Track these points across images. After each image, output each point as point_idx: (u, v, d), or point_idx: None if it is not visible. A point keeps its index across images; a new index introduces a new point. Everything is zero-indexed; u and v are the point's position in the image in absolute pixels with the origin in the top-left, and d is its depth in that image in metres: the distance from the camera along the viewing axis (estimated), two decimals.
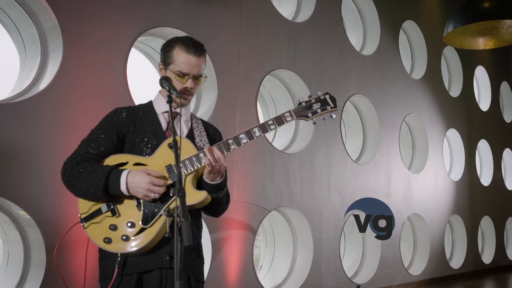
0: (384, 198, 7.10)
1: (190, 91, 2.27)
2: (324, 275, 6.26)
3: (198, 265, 2.24)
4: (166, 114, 2.31)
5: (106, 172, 2.10)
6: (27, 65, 4.19)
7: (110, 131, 2.23)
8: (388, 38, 7.68)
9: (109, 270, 2.13)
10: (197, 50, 2.25)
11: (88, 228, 2.13)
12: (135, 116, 2.27)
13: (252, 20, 5.62)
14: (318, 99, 2.34)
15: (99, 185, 2.08)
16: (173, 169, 2.17)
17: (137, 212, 2.13)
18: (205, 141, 2.30)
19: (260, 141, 5.56)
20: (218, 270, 5.05)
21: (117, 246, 2.09)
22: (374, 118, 7.38)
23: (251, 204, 5.41)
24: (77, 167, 2.14)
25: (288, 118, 2.27)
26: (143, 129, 2.25)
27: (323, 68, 6.49)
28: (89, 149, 2.20)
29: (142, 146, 2.22)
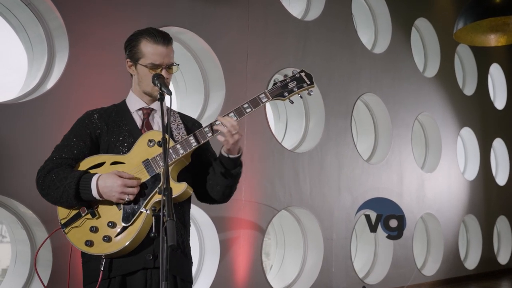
0: (396, 197, 7.02)
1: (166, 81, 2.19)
2: (334, 275, 6.21)
3: (185, 265, 2.19)
4: (141, 111, 2.25)
5: (75, 179, 2.04)
6: (35, 65, 4.21)
7: (83, 133, 2.18)
8: (400, 36, 7.59)
9: (93, 273, 2.07)
10: (165, 40, 2.18)
11: (69, 233, 2.09)
12: (108, 116, 2.23)
13: (260, 18, 5.59)
14: (293, 77, 2.23)
15: (70, 193, 2.03)
16: (150, 163, 2.11)
17: (117, 211, 2.08)
18: (183, 133, 2.21)
19: (268, 141, 5.54)
20: (226, 270, 5.03)
21: (100, 248, 2.04)
22: (386, 117, 7.31)
23: (260, 204, 5.38)
24: (49, 174, 2.09)
25: (263, 99, 2.16)
26: (117, 129, 2.20)
27: (333, 66, 6.44)
28: (62, 154, 2.14)
29: (118, 145, 2.17)
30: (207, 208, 4.87)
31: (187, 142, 2.12)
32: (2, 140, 3.71)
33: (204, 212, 4.87)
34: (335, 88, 6.42)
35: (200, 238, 5.09)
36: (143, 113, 2.25)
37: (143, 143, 2.14)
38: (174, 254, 2.11)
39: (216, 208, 4.98)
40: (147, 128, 2.22)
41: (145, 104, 2.25)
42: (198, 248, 5.09)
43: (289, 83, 2.21)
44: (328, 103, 6.28)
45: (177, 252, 2.14)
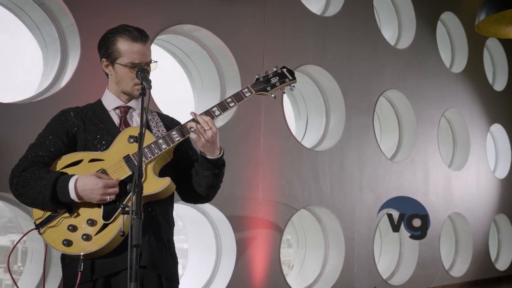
0: (421, 197, 6.85)
1: None
2: (357, 276, 6.08)
3: (170, 264, 2.13)
4: (118, 110, 2.20)
5: (52, 181, 1.95)
6: (49, 64, 4.24)
7: (59, 131, 2.12)
8: (425, 30, 7.40)
9: (72, 277, 2.00)
10: (142, 37, 2.12)
11: (45, 234, 2.00)
12: (84, 114, 2.17)
13: (277, 15, 5.50)
14: (275, 73, 2.25)
15: (46, 195, 1.94)
16: (131, 159, 2.06)
17: (97, 209, 2.00)
18: (163, 130, 2.17)
19: (286, 139, 5.45)
20: (243, 270, 4.97)
21: (79, 247, 1.96)
22: (410, 114, 7.13)
23: (278, 203, 5.31)
24: (24, 173, 2.00)
25: (247, 93, 2.18)
26: (94, 127, 2.14)
27: (353, 63, 6.31)
28: (38, 151, 2.07)
29: (96, 143, 2.11)
30: (223, 207, 4.82)
31: (170, 137, 2.07)
32: (17, 140, 3.74)
33: (219, 211, 4.82)
34: (356, 85, 6.29)
35: (216, 237, 5.05)
36: (121, 111, 2.20)
37: (123, 140, 2.08)
38: (159, 253, 2.06)
39: (232, 207, 4.93)
40: (125, 126, 2.17)
41: (122, 102, 2.21)
42: (214, 247, 5.05)
43: (272, 78, 2.23)
44: (349, 100, 6.15)
45: (162, 251, 2.08)
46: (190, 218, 5.19)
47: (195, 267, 5.21)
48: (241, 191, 5.02)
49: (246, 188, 5.06)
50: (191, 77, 5.37)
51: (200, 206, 4.94)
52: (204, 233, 5.13)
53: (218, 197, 4.80)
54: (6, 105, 3.73)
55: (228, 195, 4.91)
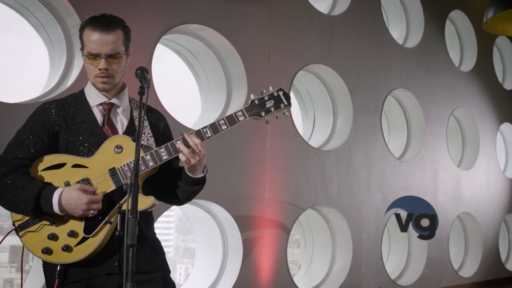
0: (430, 196, 6.81)
1: (106, 73, 2.03)
2: (364, 276, 6.05)
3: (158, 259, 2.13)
4: (101, 106, 2.11)
5: (35, 193, 1.90)
6: (56, 64, 4.25)
7: (40, 130, 2.02)
8: (433, 29, 7.34)
9: (51, 280, 1.98)
10: (104, 26, 2.01)
11: (24, 237, 1.96)
12: (66, 112, 2.06)
13: (284, 14, 5.48)
14: (271, 96, 2.18)
15: (28, 206, 1.90)
16: (117, 173, 2.00)
17: (79, 221, 1.97)
18: (148, 134, 2.10)
19: (292, 138, 5.43)
20: (249, 270, 4.96)
21: (59, 257, 1.94)
22: (419, 113, 7.08)
23: (285, 203, 5.29)
24: (4, 178, 1.94)
25: (240, 117, 2.11)
26: (76, 127, 2.05)
27: (361, 61, 6.27)
28: (17, 153, 1.99)
29: (78, 145, 2.02)
30: (230, 207, 4.82)
31: (158, 155, 2.02)
32: None
33: (226, 211, 4.81)
34: (363, 84, 6.25)
35: (223, 237, 5.04)
36: (104, 108, 2.11)
37: (109, 148, 2.01)
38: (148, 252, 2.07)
39: (239, 207, 4.93)
40: (108, 126, 2.09)
41: (106, 98, 2.11)
42: (221, 247, 5.04)
43: (267, 101, 2.16)
44: (357, 99, 6.12)
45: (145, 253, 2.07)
46: (197, 218, 5.19)
47: (202, 267, 5.21)
48: (247, 191, 5.01)
49: (253, 188, 5.05)
50: (197, 76, 5.37)
51: (207, 206, 4.94)
52: (211, 233, 5.12)
53: (225, 197, 4.84)
54: (13, 105, 3.74)
55: (235, 195, 4.90)
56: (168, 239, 28.37)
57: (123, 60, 2.08)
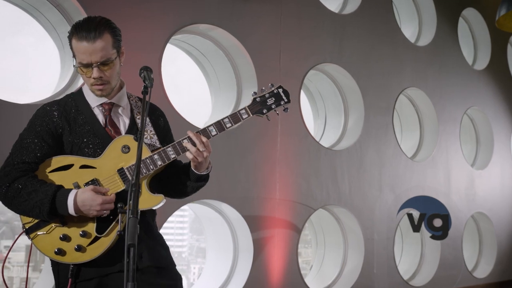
0: (443, 196, 6.74)
1: (101, 80, 2.02)
2: (376, 276, 6.00)
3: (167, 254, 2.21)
4: (102, 107, 2.13)
5: (49, 196, 1.92)
6: (66, 65, 4.28)
7: (44, 133, 2.03)
8: (446, 27, 7.27)
9: (63, 278, 2.01)
10: (90, 34, 1.96)
11: (35, 239, 1.99)
12: (68, 114, 2.07)
13: (294, 13, 5.46)
14: (272, 93, 2.26)
15: (43, 210, 1.92)
16: (125, 172, 2.04)
17: (91, 221, 2.00)
18: (151, 132, 2.15)
19: (303, 138, 5.41)
20: (260, 270, 4.94)
21: (71, 257, 1.97)
22: (432, 112, 7.02)
23: (295, 203, 5.26)
24: (14, 184, 1.96)
25: (244, 115, 2.18)
26: (79, 129, 2.06)
27: (372, 60, 6.23)
28: (24, 157, 2.00)
29: (83, 147, 2.04)
30: (240, 207, 4.81)
31: (166, 154, 2.07)
32: None
33: (236, 211, 4.80)
34: (375, 83, 6.21)
35: (233, 237, 5.03)
36: (104, 108, 2.13)
37: (116, 149, 2.05)
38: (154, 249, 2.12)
39: (249, 206, 4.91)
40: (111, 126, 2.12)
41: (106, 98, 2.12)
42: (231, 247, 5.03)
43: (268, 99, 2.24)
44: (368, 98, 6.08)
45: (156, 247, 2.15)
46: (208, 218, 5.18)
47: (213, 267, 5.21)
48: (258, 191, 5.00)
49: (263, 187, 5.04)
50: (207, 76, 5.37)
51: (217, 206, 4.93)
52: (221, 233, 5.12)
53: (235, 197, 4.83)
54: (23, 106, 3.77)
55: (245, 194, 4.89)
56: (182, 239, 28.21)
57: (115, 64, 2.06)
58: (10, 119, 3.65)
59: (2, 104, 3.64)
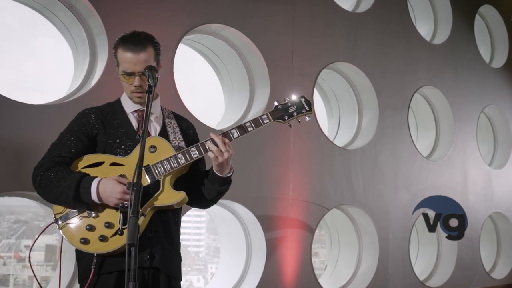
0: (460, 196, 6.66)
1: (140, 89, 2.21)
2: (391, 277, 5.94)
3: (176, 264, 2.25)
4: (136, 113, 2.29)
5: (75, 181, 2.07)
6: (79, 66, 4.31)
7: (80, 133, 2.21)
8: (462, 25, 7.18)
9: (86, 270, 2.11)
10: (136, 46, 2.16)
11: (64, 229, 2.11)
12: (104, 117, 2.26)
13: (307, 12, 5.44)
14: (294, 102, 2.36)
15: (69, 194, 2.06)
16: (151, 169, 2.15)
17: (115, 213, 2.11)
18: (179, 138, 2.29)
19: (317, 138, 5.38)
20: (273, 270, 4.93)
21: (95, 247, 2.07)
22: (448, 110, 6.94)
23: (309, 202, 5.24)
24: (48, 172, 2.12)
25: (265, 120, 2.29)
26: (113, 131, 2.23)
27: (386, 59, 6.18)
28: (60, 152, 2.17)
29: (116, 147, 2.20)
30: (253, 207, 4.80)
31: (189, 153, 2.18)
32: (48, 141, 3.81)
33: (249, 211, 4.79)
34: (389, 81, 6.16)
35: (246, 237, 5.03)
36: (138, 115, 2.29)
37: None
38: (169, 255, 2.18)
39: (262, 206, 4.90)
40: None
41: (140, 106, 2.29)
42: (245, 247, 5.02)
43: (290, 107, 2.34)
44: (382, 97, 6.03)
45: (171, 252, 2.20)
46: (221, 218, 5.18)
47: (226, 267, 5.21)
48: (271, 190, 4.98)
49: (276, 187, 5.02)
50: (220, 76, 5.37)
51: (230, 206, 4.93)
52: (235, 233, 5.11)
53: (248, 197, 4.81)
54: (38, 106, 3.80)
55: (258, 194, 4.88)
56: (199, 239, 28.13)
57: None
58: (25, 119, 3.68)
59: (18, 106, 3.67)
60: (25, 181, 3.58)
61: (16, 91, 4.16)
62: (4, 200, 4.13)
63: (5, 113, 3.61)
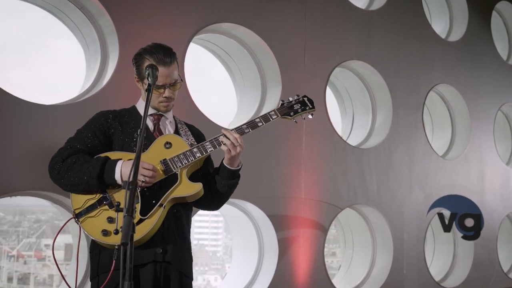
0: (476, 195, 6.57)
1: (169, 99, 2.38)
2: (406, 277, 5.88)
3: (187, 261, 2.31)
4: (152, 117, 2.42)
5: (101, 162, 2.17)
6: (91, 66, 4.33)
7: (97, 130, 2.33)
8: (479, 21, 7.08)
9: (105, 264, 2.16)
10: (166, 59, 2.30)
11: (84, 223, 2.17)
12: (122, 118, 2.39)
13: (319, 10, 5.40)
14: (298, 100, 2.57)
15: (94, 173, 2.14)
16: (168, 163, 2.26)
17: (135, 204, 2.11)
18: (191, 139, 2.42)
19: (329, 137, 5.34)
20: (285, 270, 4.90)
21: (116, 238, 2.10)
22: (464, 108, 6.84)
23: (321, 202, 5.20)
24: (68, 160, 2.21)
25: (273, 116, 2.49)
26: (130, 130, 2.35)
27: (400, 57, 6.11)
28: (76, 144, 2.28)
29: (132, 146, 2.30)
30: (264, 206, 4.78)
31: (203, 147, 2.32)
32: (60, 140, 3.84)
33: (260, 210, 4.78)
34: (403, 80, 6.09)
35: (258, 236, 5.01)
36: (154, 118, 2.44)
37: (159, 145, 2.31)
38: (181, 251, 2.25)
39: (274, 206, 4.88)
40: (158, 132, 2.41)
41: (155, 110, 2.44)
42: (257, 246, 5.01)
43: (295, 105, 2.56)
44: (396, 96, 5.96)
45: (183, 249, 2.28)
46: (233, 217, 5.18)
47: (239, 266, 5.20)
48: (283, 190, 4.96)
49: (288, 187, 5.00)
50: (232, 75, 5.37)
51: (242, 205, 4.92)
52: (247, 232, 5.10)
53: (259, 196, 4.80)
54: (49, 107, 3.83)
55: (269, 193, 4.86)
56: (216, 239, 28.41)
57: (179, 86, 2.43)
58: (39, 119, 3.72)
59: (31, 106, 3.71)
60: (38, 181, 3.63)
61: (30, 92, 4.22)
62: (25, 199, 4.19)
63: (19, 114, 3.65)
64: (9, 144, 3.60)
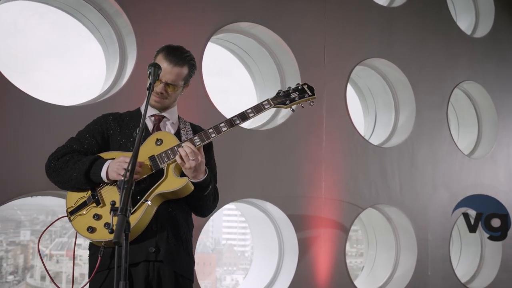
0: (503, 195, 6.41)
1: (159, 94, 2.31)
2: (431, 278, 5.76)
3: (185, 261, 2.25)
4: (153, 117, 2.39)
5: (91, 159, 2.20)
6: (110, 67, 4.37)
7: (96, 131, 2.34)
8: (505, 17, 6.90)
9: (95, 263, 2.14)
10: (173, 59, 2.28)
11: (74, 221, 2.20)
12: (122, 120, 2.39)
13: (339, 8, 5.34)
14: (296, 88, 2.40)
15: (82, 169, 2.16)
16: (155, 159, 2.21)
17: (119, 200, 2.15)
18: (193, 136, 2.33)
19: (350, 135, 5.28)
20: (306, 270, 4.86)
21: (100, 235, 2.11)
22: (490, 106, 6.68)
23: (342, 202, 5.14)
24: (63, 157, 2.26)
25: (266, 105, 2.33)
26: (129, 131, 2.34)
27: (424, 54, 6.00)
28: (73, 145, 2.32)
29: (129, 146, 2.30)
30: (284, 206, 4.74)
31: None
32: None
33: (280, 210, 4.74)
34: (427, 77, 5.98)
35: (278, 236, 4.98)
36: (155, 119, 2.40)
37: (151, 142, 2.28)
38: (176, 250, 2.20)
39: (294, 206, 4.84)
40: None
41: (157, 111, 2.41)
42: (277, 246, 4.98)
43: (292, 93, 2.38)
44: (420, 94, 5.86)
45: (180, 248, 2.22)
46: (252, 216, 5.15)
47: (259, 266, 5.17)
48: (302, 189, 4.91)
49: (308, 186, 4.95)
50: (252, 74, 5.34)
51: (261, 205, 4.90)
52: (267, 232, 5.07)
53: (279, 196, 4.77)
54: (68, 108, 3.87)
55: (289, 193, 4.82)
56: (245, 238, 28.36)
57: (178, 90, 2.36)
58: (58, 121, 3.75)
59: (51, 107, 3.75)
60: None
61: (51, 93, 4.27)
62: (56, 200, 4.23)
63: (40, 115, 3.69)
64: (31, 145, 3.65)
